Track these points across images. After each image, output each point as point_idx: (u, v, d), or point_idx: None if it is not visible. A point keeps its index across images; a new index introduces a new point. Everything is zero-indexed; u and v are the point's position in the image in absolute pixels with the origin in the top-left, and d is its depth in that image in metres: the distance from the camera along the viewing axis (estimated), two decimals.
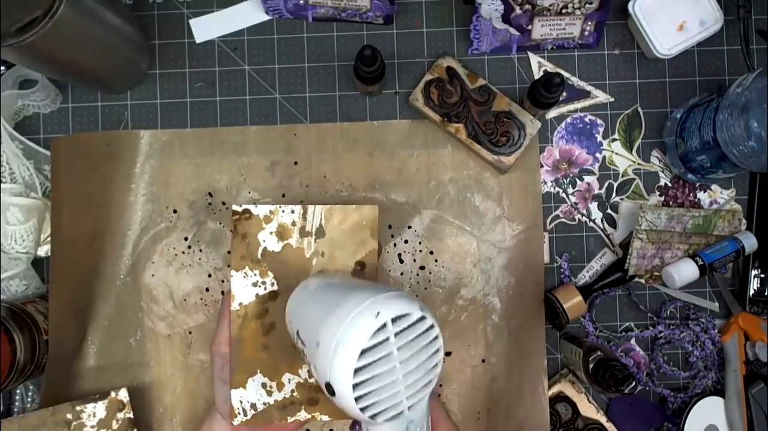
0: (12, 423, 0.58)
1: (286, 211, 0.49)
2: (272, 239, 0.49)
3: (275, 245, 0.49)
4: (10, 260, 0.62)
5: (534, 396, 0.65)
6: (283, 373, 0.48)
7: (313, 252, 0.49)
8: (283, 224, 0.49)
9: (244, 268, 0.48)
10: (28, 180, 0.63)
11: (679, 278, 0.62)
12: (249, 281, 0.48)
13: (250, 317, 0.48)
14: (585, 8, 0.62)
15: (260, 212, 0.49)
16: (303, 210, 0.49)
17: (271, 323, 0.48)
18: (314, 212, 0.49)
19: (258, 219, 0.49)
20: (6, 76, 0.63)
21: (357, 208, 0.50)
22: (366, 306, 0.36)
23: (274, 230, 0.49)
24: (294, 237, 0.49)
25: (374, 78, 0.61)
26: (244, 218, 0.49)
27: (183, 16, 0.67)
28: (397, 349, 0.36)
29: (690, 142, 0.62)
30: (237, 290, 0.48)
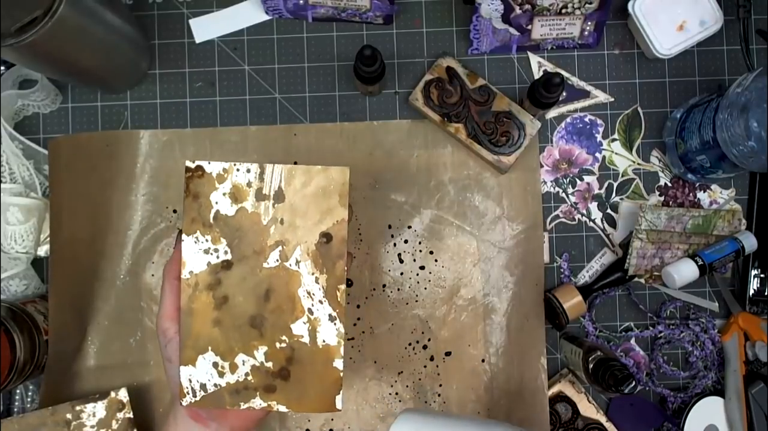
0: (12, 423, 0.58)
1: (241, 169, 0.44)
2: (225, 200, 0.44)
3: (228, 209, 0.44)
4: (10, 260, 0.62)
5: (534, 396, 0.65)
6: (236, 353, 0.44)
7: (271, 219, 0.44)
8: (238, 184, 0.44)
9: (195, 232, 0.44)
10: (28, 180, 0.63)
11: (679, 278, 0.62)
12: (200, 248, 0.44)
13: (201, 288, 0.44)
14: (585, 8, 0.62)
15: (213, 170, 0.44)
16: (260, 169, 0.44)
17: (223, 296, 0.44)
18: (273, 171, 0.44)
19: (211, 178, 0.44)
20: (6, 76, 0.63)
21: (323, 169, 0.44)
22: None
23: (228, 190, 0.44)
24: (249, 200, 0.44)
25: (374, 78, 0.61)
26: (196, 176, 0.44)
27: (183, 16, 0.67)
28: None
29: (690, 142, 0.62)
30: (188, 256, 0.44)
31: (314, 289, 0.45)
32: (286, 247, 0.44)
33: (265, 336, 0.44)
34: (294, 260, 0.44)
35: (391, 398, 0.65)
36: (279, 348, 0.45)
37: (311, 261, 0.45)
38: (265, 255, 0.44)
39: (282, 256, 0.44)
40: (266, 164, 0.44)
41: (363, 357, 0.65)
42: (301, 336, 0.45)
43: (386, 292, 0.66)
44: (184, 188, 0.44)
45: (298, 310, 0.45)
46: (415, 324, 0.65)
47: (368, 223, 0.66)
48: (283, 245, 0.44)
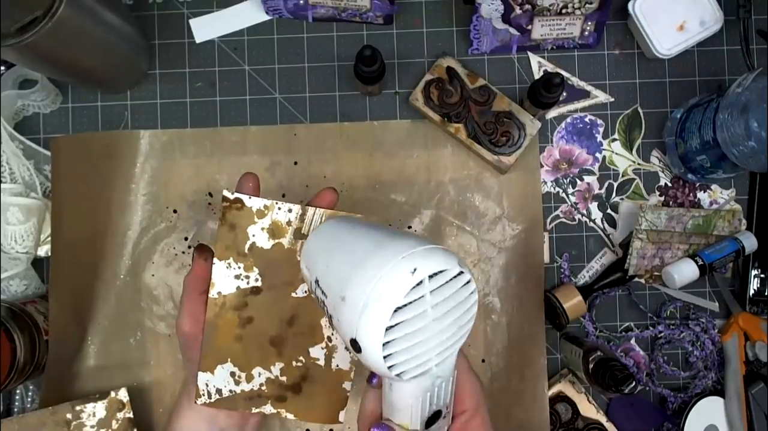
0: (12, 423, 0.58)
1: (282, 209, 0.46)
2: (263, 235, 0.46)
3: (265, 242, 0.46)
4: (10, 260, 0.62)
5: (534, 396, 0.65)
6: (254, 366, 0.46)
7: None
8: (278, 221, 0.46)
9: (228, 258, 0.45)
10: (28, 180, 0.63)
11: (679, 278, 0.62)
12: (231, 273, 0.45)
13: (227, 308, 0.46)
14: (585, 8, 0.62)
15: (254, 205, 0.45)
16: (302, 211, 0.46)
17: (248, 317, 0.46)
18: (314, 214, 0.46)
19: (250, 212, 0.45)
20: (6, 76, 0.63)
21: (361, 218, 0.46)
22: (401, 260, 0.33)
23: (266, 226, 0.46)
24: (287, 237, 0.46)
25: (374, 78, 0.61)
26: (235, 208, 0.45)
27: (183, 16, 0.67)
28: (432, 307, 0.34)
29: (690, 142, 0.62)
30: (217, 278, 0.45)
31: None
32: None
33: (284, 354, 0.47)
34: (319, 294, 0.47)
35: None
36: (295, 365, 0.47)
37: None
38: (294, 286, 0.46)
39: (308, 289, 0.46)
40: (308, 207, 0.46)
41: None
42: (318, 359, 0.47)
43: None
44: (221, 215, 0.45)
45: (318, 337, 0.47)
46: None
47: None
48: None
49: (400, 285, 0.33)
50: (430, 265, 0.33)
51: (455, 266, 0.34)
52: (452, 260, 0.34)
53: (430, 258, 0.34)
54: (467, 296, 0.36)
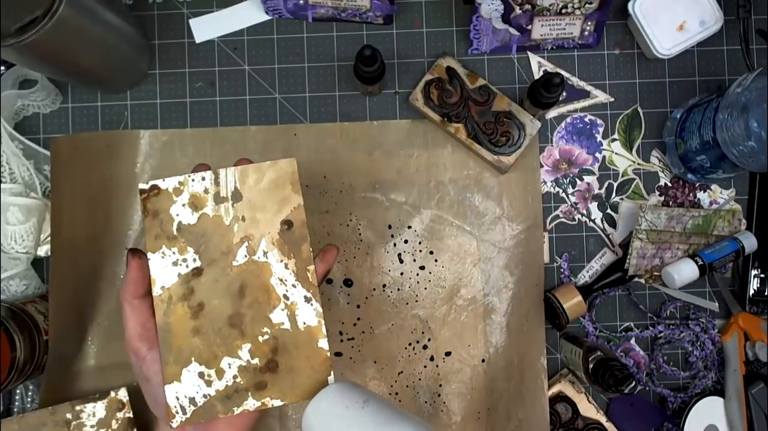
0: (12, 423, 0.58)
1: (196, 179, 0.46)
2: (186, 211, 0.45)
3: (190, 217, 0.45)
4: (10, 260, 0.62)
5: (534, 396, 0.65)
6: (221, 358, 0.44)
7: (233, 218, 0.46)
8: (195, 193, 0.45)
9: (160, 248, 0.44)
10: (28, 180, 0.63)
11: (679, 278, 0.62)
12: (168, 261, 0.44)
13: (175, 301, 0.44)
14: (585, 8, 0.62)
15: (169, 185, 0.45)
16: (214, 175, 0.46)
17: (198, 303, 0.44)
18: (227, 174, 0.46)
19: (167, 193, 0.45)
20: (6, 76, 0.63)
21: (272, 163, 0.46)
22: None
23: (186, 201, 0.45)
24: (209, 205, 0.45)
25: (374, 78, 0.61)
26: (152, 195, 0.45)
27: (183, 16, 0.67)
28: None
29: (690, 142, 0.62)
30: (156, 272, 0.44)
31: (285, 275, 0.46)
32: (252, 241, 0.46)
33: (246, 332, 0.45)
34: (261, 252, 0.46)
35: (391, 398, 0.65)
36: (262, 341, 0.45)
37: (278, 249, 0.46)
38: (233, 253, 0.45)
39: (249, 251, 0.45)
40: (219, 170, 0.46)
41: (363, 357, 0.65)
42: (282, 323, 0.45)
43: (386, 292, 0.66)
44: (142, 209, 0.45)
45: (273, 298, 0.45)
46: (415, 324, 0.65)
47: (368, 223, 0.66)
48: (249, 240, 0.46)
49: None
50: None
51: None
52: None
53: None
54: None
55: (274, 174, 0.47)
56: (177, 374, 0.43)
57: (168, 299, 0.44)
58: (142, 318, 0.44)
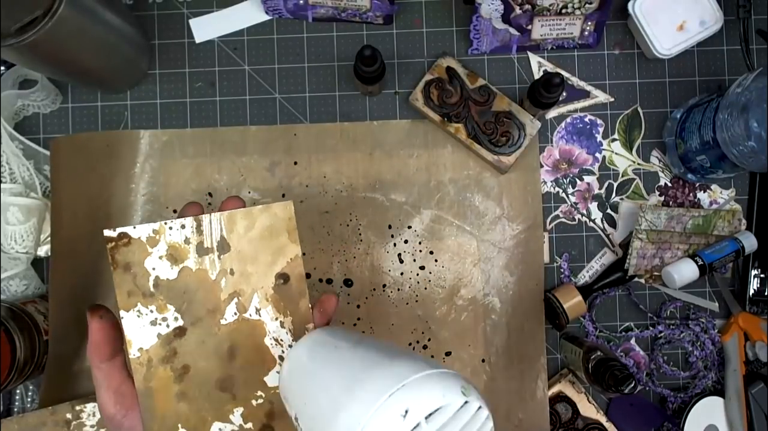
0: (12, 423, 0.58)
1: (174, 227, 0.39)
2: (164, 264, 0.39)
3: (169, 272, 0.39)
4: (10, 260, 0.62)
5: (534, 396, 0.65)
6: (210, 423, 0.40)
7: (220, 271, 0.40)
8: (174, 244, 0.39)
9: (135, 305, 0.39)
10: (28, 180, 0.63)
11: (679, 278, 0.62)
12: (145, 321, 0.39)
13: (155, 364, 0.39)
14: (585, 8, 0.62)
15: (141, 234, 0.39)
16: (196, 223, 0.40)
17: (183, 366, 0.40)
18: (211, 221, 0.40)
19: (140, 243, 0.39)
20: (6, 76, 0.63)
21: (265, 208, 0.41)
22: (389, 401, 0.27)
23: (163, 253, 0.39)
24: (191, 257, 0.40)
25: (374, 78, 0.61)
26: (122, 245, 0.39)
27: (183, 16, 0.67)
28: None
29: (690, 142, 0.62)
30: (132, 333, 0.39)
31: (281, 334, 0.41)
32: (242, 297, 0.41)
33: (238, 396, 0.40)
34: (253, 309, 0.41)
35: None
36: (256, 405, 0.40)
37: (272, 306, 0.41)
38: (221, 311, 0.40)
39: (239, 308, 0.40)
40: (202, 216, 0.40)
41: None
42: (278, 386, 0.40)
43: (386, 292, 0.66)
44: (110, 260, 0.38)
45: (268, 360, 0.41)
46: (415, 324, 0.65)
47: (368, 223, 0.66)
48: (239, 296, 0.41)
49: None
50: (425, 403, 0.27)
51: (458, 397, 0.28)
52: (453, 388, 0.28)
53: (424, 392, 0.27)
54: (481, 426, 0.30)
55: (267, 221, 0.41)
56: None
57: (147, 362, 0.39)
58: (115, 383, 0.39)
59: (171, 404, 0.39)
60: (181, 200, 0.65)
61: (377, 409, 0.27)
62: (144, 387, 0.39)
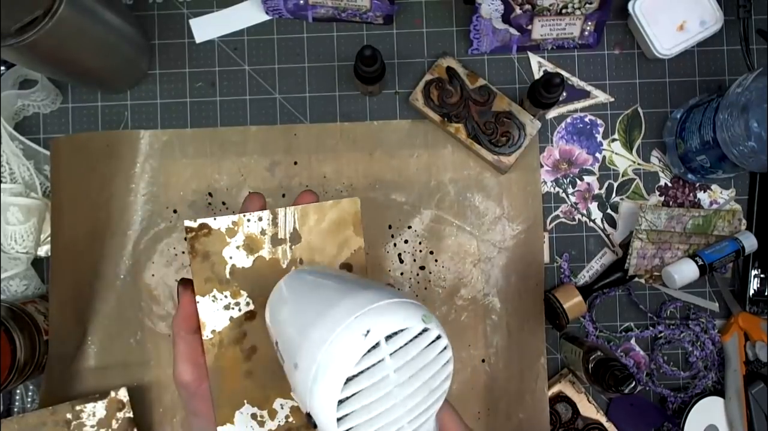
0: (12, 423, 0.58)
1: (252, 219, 0.42)
2: (240, 254, 0.42)
3: (245, 261, 0.42)
4: (10, 260, 0.62)
5: (534, 396, 0.65)
6: (273, 399, 0.42)
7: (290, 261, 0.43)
8: (251, 234, 0.42)
9: (211, 291, 0.41)
10: (28, 180, 0.63)
11: (679, 278, 0.62)
12: (220, 305, 0.41)
13: (226, 344, 0.42)
14: (585, 8, 0.62)
15: (221, 225, 0.41)
16: (272, 215, 0.42)
17: (252, 347, 0.42)
18: (286, 215, 0.42)
19: (220, 234, 0.41)
20: (6, 76, 0.63)
21: (335, 203, 0.43)
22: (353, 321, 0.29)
23: (241, 243, 0.42)
24: (266, 248, 0.42)
25: (374, 78, 0.61)
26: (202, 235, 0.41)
27: (183, 16, 0.67)
28: (395, 371, 0.29)
29: (690, 142, 0.62)
30: (206, 316, 0.41)
31: None
32: None
33: None
34: None
35: None
36: None
37: None
38: None
39: None
40: (278, 209, 0.42)
41: None
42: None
43: None
44: (189, 249, 0.41)
45: None
46: None
47: (368, 223, 0.66)
48: None
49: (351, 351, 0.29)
50: (386, 325, 0.29)
51: (417, 323, 0.30)
52: (413, 315, 0.30)
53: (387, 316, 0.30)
54: (438, 354, 0.31)
55: (335, 215, 0.43)
56: (230, 416, 0.41)
57: (219, 343, 0.41)
58: (195, 354, 0.41)
59: (238, 381, 0.42)
60: (181, 200, 0.65)
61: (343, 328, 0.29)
62: (215, 366, 0.41)
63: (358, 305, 0.30)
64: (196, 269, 0.41)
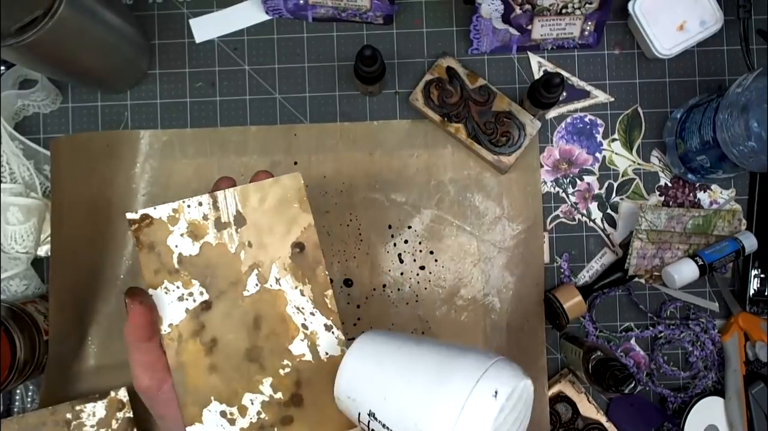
0: (12, 423, 0.58)
1: (192, 205, 0.41)
2: (185, 241, 0.41)
3: (191, 248, 0.41)
4: (10, 260, 0.62)
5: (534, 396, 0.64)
6: (242, 394, 0.41)
7: (238, 245, 0.42)
8: (193, 221, 0.41)
9: (162, 283, 0.41)
10: (28, 180, 0.63)
11: (679, 278, 0.62)
12: (173, 297, 0.41)
13: (185, 338, 0.41)
14: (585, 8, 0.62)
15: (162, 214, 0.41)
16: (212, 199, 0.41)
17: (212, 339, 0.41)
18: (225, 197, 0.42)
19: (161, 222, 0.41)
20: (6, 76, 0.63)
21: (275, 180, 0.43)
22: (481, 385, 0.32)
23: (184, 230, 0.41)
24: (210, 233, 0.41)
25: (374, 78, 0.61)
26: (144, 226, 0.41)
27: (183, 16, 0.67)
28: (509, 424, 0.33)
29: (690, 142, 0.62)
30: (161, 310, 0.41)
31: (302, 302, 0.43)
32: (262, 268, 0.42)
33: (266, 366, 0.42)
34: (273, 280, 0.42)
35: None
36: (284, 374, 0.42)
37: (291, 275, 0.43)
38: (243, 283, 0.42)
39: (260, 279, 0.42)
40: (217, 192, 0.42)
41: None
42: (303, 354, 0.42)
43: (386, 292, 0.66)
44: (135, 241, 0.41)
45: (291, 329, 0.42)
46: (415, 324, 0.65)
47: (368, 223, 0.66)
48: (258, 267, 0.42)
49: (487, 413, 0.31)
50: (506, 382, 0.33)
51: (524, 377, 0.34)
52: (519, 371, 0.34)
53: (503, 374, 0.33)
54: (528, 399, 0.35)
55: (278, 192, 0.43)
56: (197, 415, 0.41)
57: (178, 337, 0.41)
58: (152, 358, 0.41)
59: (203, 377, 0.41)
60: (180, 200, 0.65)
61: (471, 393, 0.31)
62: (176, 361, 0.41)
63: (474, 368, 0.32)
64: (145, 261, 0.41)
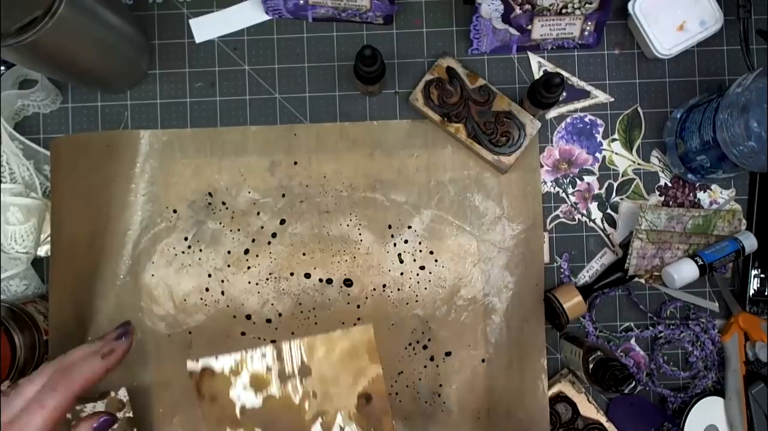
0: None
1: (255, 357, 0.41)
2: (248, 394, 0.41)
3: (254, 401, 0.41)
4: (10, 260, 0.62)
5: (534, 396, 0.65)
6: None
7: (302, 395, 0.41)
8: (256, 373, 0.41)
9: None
10: (28, 180, 0.63)
11: (679, 278, 0.62)
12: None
13: None
14: (585, 8, 0.62)
15: (224, 366, 0.40)
16: (276, 350, 0.41)
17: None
18: (291, 349, 0.41)
19: (223, 376, 0.40)
20: (6, 76, 0.63)
21: (344, 333, 0.42)
22: None
23: (246, 382, 0.41)
24: (274, 385, 0.41)
25: (374, 78, 0.61)
26: (206, 378, 0.40)
27: (183, 16, 0.67)
28: None
29: (690, 142, 0.62)
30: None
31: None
32: (326, 417, 0.42)
33: None
34: (338, 428, 0.42)
35: (391, 398, 0.65)
36: None
37: (356, 425, 0.43)
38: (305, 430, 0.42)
39: (324, 427, 0.42)
40: (282, 343, 0.41)
41: None
42: None
43: (386, 292, 0.66)
44: (196, 393, 0.40)
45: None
46: (415, 324, 0.65)
47: (368, 223, 0.66)
48: (323, 415, 0.42)
49: None
50: None
51: None
52: None
53: None
54: None
55: (346, 344, 0.42)
56: None
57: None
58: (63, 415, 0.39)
59: None
60: (181, 200, 0.65)
61: None
62: None
63: None
64: (206, 411, 0.40)
